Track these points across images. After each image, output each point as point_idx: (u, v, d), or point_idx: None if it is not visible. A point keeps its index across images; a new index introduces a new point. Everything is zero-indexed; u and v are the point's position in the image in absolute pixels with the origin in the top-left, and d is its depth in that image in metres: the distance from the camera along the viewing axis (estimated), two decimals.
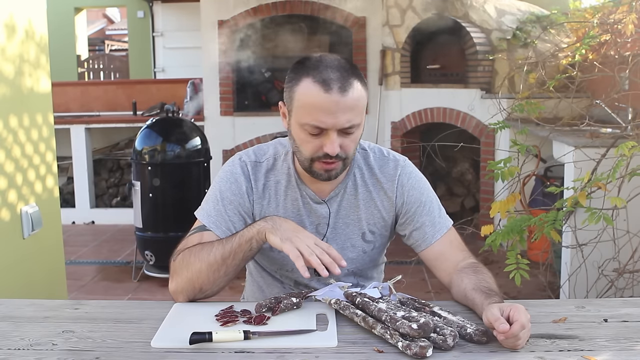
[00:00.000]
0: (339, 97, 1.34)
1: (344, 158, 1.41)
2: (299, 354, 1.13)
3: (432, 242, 1.50)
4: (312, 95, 1.35)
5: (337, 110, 1.34)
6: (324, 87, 1.34)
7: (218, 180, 1.54)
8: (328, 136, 1.37)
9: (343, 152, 1.40)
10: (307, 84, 1.36)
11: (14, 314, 1.36)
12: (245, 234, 1.38)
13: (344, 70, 1.37)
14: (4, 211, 2.45)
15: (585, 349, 1.14)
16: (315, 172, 1.43)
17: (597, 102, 3.36)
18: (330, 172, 1.42)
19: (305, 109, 1.37)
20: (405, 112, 5.38)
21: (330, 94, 1.33)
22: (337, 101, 1.33)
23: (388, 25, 5.47)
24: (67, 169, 6.30)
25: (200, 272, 1.38)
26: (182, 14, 8.67)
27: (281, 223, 1.37)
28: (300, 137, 1.40)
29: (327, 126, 1.35)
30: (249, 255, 1.39)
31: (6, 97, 2.48)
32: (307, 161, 1.42)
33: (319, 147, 1.38)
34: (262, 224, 1.37)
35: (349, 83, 1.35)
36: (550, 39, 4.63)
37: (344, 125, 1.36)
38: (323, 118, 1.35)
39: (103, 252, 5.05)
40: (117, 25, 14.19)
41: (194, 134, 4.28)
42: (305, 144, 1.40)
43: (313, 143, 1.39)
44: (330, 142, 1.36)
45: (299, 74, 1.39)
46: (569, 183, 3.07)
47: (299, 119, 1.39)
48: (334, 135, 1.36)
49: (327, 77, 1.34)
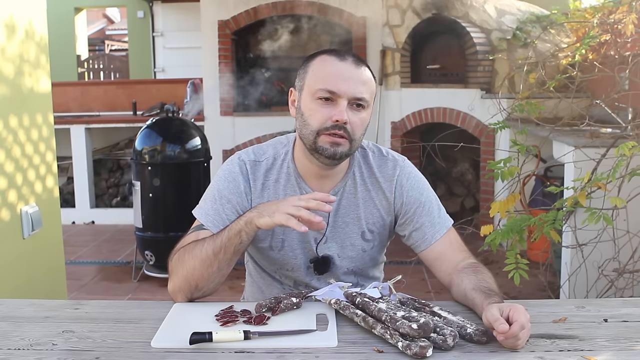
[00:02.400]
0: (354, 67, 1.42)
1: (351, 138, 1.41)
2: (299, 354, 1.13)
3: (431, 242, 1.50)
4: (327, 63, 1.43)
5: (351, 77, 1.41)
6: (339, 57, 1.43)
7: (217, 179, 1.54)
8: (338, 104, 1.40)
9: (351, 129, 1.41)
10: (322, 57, 1.45)
11: (14, 314, 1.36)
12: (234, 227, 1.37)
13: (358, 57, 1.47)
14: (4, 211, 2.45)
15: (585, 349, 1.14)
16: (320, 147, 1.42)
17: (597, 102, 3.36)
18: (337, 147, 1.41)
19: (320, 76, 1.43)
20: (405, 112, 5.38)
21: (345, 63, 1.42)
22: (351, 70, 1.41)
23: (388, 25, 5.47)
24: (67, 169, 6.30)
25: (195, 269, 1.38)
26: (182, 14, 8.68)
27: (264, 205, 1.37)
28: (311, 108, 1.43)
29: (340, 91, 1.39)
30: (240, 249, 1.38)
31: (6, 97, 2.48)
32: (313, 134, 1.42)
33: (327, 116, 1.40)
34: (248, 214, 1.37)
35: (361, 62, 1.45)
36: (550, 39, 4.64)
37: (355, 94, 1.40)
38: (337, 82, 1.40)
39: (103, 252, 5.05)
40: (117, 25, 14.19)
41: (194, 134, 4.28)
42: (314, 115, 1.42)
43: (322, 112, 1.40)
44: (340, 109, 1.39)
45: (314, 55, 1.48)
46: (569, 183, 3.07)
47: (312, 87, 1.43)
48: (344, 103, 1.40)
49: (342, 52, 1.45)
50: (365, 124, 1.45)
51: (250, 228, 1.35)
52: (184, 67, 8.02)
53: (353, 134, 1.41)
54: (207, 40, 5.79)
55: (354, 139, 1.42)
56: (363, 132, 1.45)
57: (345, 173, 1.52)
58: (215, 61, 5.75)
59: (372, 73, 1.47)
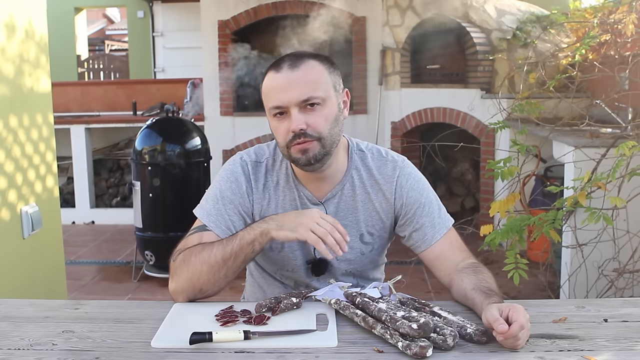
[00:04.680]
0: (289, 73, 1.39)
1: (317, 137, 1.39)
2: (299, 354, 1.13)
3: (432, 243, 1.50)
4: (268, 80, 1.42)
5: (289, 85, 1.38)
6: (275, 69, 1.41)
7: (218, 179, 1.54)
8: (289, 115, 1.39)
9: (313, 130, 1.39)
10: (266, 76, 1.43)
11: (14, 314, 1.36)
12: (246, 236, 1.37)
13: (300, 53, 1.43)
14: (4, 211, 2.45)
15: (585, 349, 1.14)
16: (295, 158, 1.42)
17: (597, 102, 3.35)
18: (307, 154, 1.40)
19: (266, 95, 1.43)
20: (405, 112, 5.38)
21: (280, 72, 1.40)
22: (287, 77, 1.39)
23: (388, 25, 5.47)
24: (67, 169, 6.30)
25: (201, 274, 1.38)
26: (182, 14, 8.68)
27: (282, 218, 1.38)
28: (273, 127, 1.44)
29: (283, 103, 1.38)
30: (250, 257, 1.39)
31: (6, 97, 2.48)
32: (285, 150, 1.43)
33: (286, 130, 1.40)
34: (264, 225, 1.37)
35: (300, 60, 1.40)
36: (550, 39, 4.64)
37: (299, 98, 1.37)
38: (278, 96, 1.39)
39: (103, 252, 5.06)
40: (117, 25, 14.19)
41: (194, 134, 4.28)
42: (277, 132, 1.43)
43: (281, 128, 1.41)
44: (292, 119, 1.38)
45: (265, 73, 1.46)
46: (569, 183, 3.07)
47: (266, 107, 1.44)
48: (295, 111, 1.38)
49: (279, 61, 1.43)
50: (330, 118, 1.41)
51: (265, 239, 1.36)
52: (184, 67, 8.03)
53: (318, 133, 1.39)
54: (207, 40, 5.80)
55: (322, 137, 1.40)
56: (331, 125, 1.41)
57: (343, 176, 1.52)
58: (215, 61, 5.75)
59: (325, 60, 1.43)
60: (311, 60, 1.41)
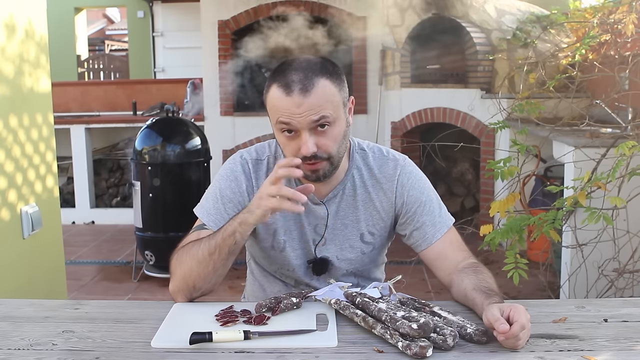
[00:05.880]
0: (301, 99, 1.34)
1: (326, 158, 1.40)
2: (299, 354, 1.13)
3: (432, 242, 1.50)
4: (276, 98, 1.37)
5: (301, 111, 1.34)
6: (285, 91, 1.35)
7: (218, 177, 1.54)
8: (300, 137, 1.37)
9: (323, 152, 1.38)
10: (273, 89, 1.38)
11: (14, 314, 1.36)
12: (228, 228, 1.37)
13: (310, 71, 1.36)
14: (4, 211, 2.45)
15: (585, 349, 1.14)
16: (304, 174, 1.41)
17: (597, 102, 3.35)
18: (318, 173, 1.41)
19: (273, 112, 1.39)
20: (405, 112, 5.38)
21: (291, 97, 1.34)
22: (299, 103, 1.34)
23: (388, 25, 5.47)
24: (67, 169, 6.30)
25: (192, 270, 1.39)
26: (182, 14, 8.68)
27: (250, 203, 1.37)
28: (281, 141, 1.42)
29: (294, 126, 1.36)
30: (235, 249, 1.38)
31: (6, 97, 2.48)
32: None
33: (296, 149, 1.38)
34: (241, 215, 1.37)
35: (311, 83, 1.35)
36: (550, 39, 4.63)
37: (312, 120, 1.35)
38: (290, 118, 1.36)
39: (103, 252, 5.05)
40: (117, 25, 14.19)
41: (194, 134, 4.28)
42: (285, 147, 1.41)
43: (290, 146, 1.39)
44: (303, 142, 1.36)
45: (269, 80, 1.42)
46: (569, 183, 3.07)
47: (273, 119, 1.41)
48: (306, 135, 1.36)
49: (289, 80, 1.35)
50: (338, 137, 1.40)
51: (244, 228, 1.36)
52: (184, 67, 8.02)
53: (328, 153, 1.39)
54: (207, 40, 5.80)
55: (331, 156, 1.40)
56: (339, 144, 1.41)
57: (344, 175, 1.52)
58: (215, 61, 5.75)
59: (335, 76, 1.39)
60: (321, 79, 1.36)
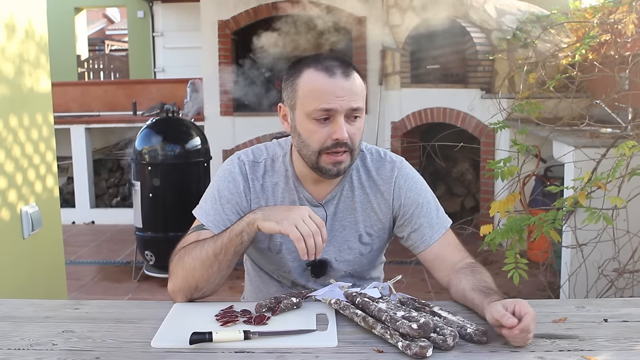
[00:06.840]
0: (344, 81, 1.38)
1: (351, 149, 1.41)
2: (299, 354, 1.13)
3: (430, 243, 1.50)
4: (317, 81, 1.38)
5: (344, 93, 1.37)
6: (328, 73, 1.38)
7: (216, 179, 1.54)
8: (336, 121, 1.38)
9: (351, 142, 1.40)
10: (309, 73, 1.40)
11: (14, 314, 1.36)
12: (235, 227, 1.37)
13: (343, 61, 1.42)
14: (4, 211, 2.45)
15: (585, 349, 1.14)
16: (323, 168, 1.42)
17: (597, 102, 3.35)
18: (339, 166, 1.42)
19: (311, 96, 1.39)
20: (405, 112, 5.38)
21: (334, 78, 1.38)
22: (342, 85, 1.37)
23: (388, 25, 5.47)
24: (67, 169, 6.30)
25: (195, 270, 1.38)
26: (182, 14, 8.68)
27: (271, 209, 1.38)
28: (308, 129, 1.41)
29: (335, 108, 1.37)
30: (240, 250, 1.38)
31: (6, 97, 2.48)
32: (314, 155, 1.41)
33: (327, 135, 1.39)
34: (252, 215, 1.36)
35: (350, 70, 1.41)
36: (550, 39, 4.63)
37: (351, 106, 1.38)
38: (331, 101, 1.37)
39: (103, 252, 5.06)
40: (117, 25, 14.19)
41: (194, 134, 4.28)
42: (313, 135, 1.40)
43: (321, 132, 1.39)
44: (339, 126, 1.38)
45: (299, 68, 1.42)
46: (569, 183, 3.07)
47: (305, 108, 1.40)
48: (342, 119, 1.38)
49: (328, 65, 1.39)
50: (362, 130, 1.44)
51: (252, 229, 1.35)
52: (184, 67, 8.02)
53: (353, 145, 1.41)
54: (207, 40, 5.80)
55: (354, 149, 1.43)
56: (360, 138, 1.45)
57: (343, 177, 1.52)
58: (215, 61, 5.75)
59: (359, 72, 1.45)
60: (354, 71, 1.42)
